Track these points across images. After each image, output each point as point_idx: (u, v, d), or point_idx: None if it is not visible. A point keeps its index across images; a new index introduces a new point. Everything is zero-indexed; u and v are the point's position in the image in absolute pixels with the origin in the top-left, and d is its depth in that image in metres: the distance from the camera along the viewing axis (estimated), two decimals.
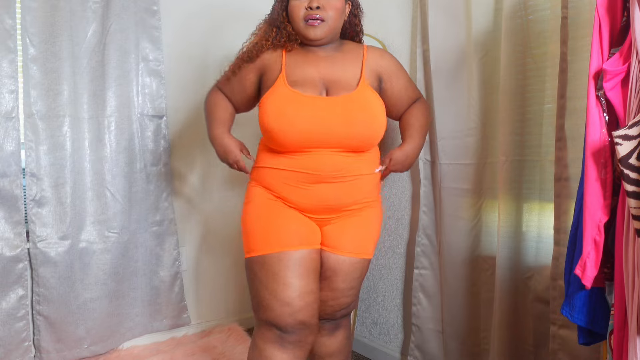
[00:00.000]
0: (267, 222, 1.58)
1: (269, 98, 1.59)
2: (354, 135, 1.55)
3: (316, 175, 1.56)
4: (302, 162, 1.56)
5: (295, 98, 1.57)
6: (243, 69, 1.69)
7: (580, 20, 1.54)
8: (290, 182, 1.58)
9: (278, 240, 1.54)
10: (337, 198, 1.59)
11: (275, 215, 1.59)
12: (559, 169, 1.59)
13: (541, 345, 1.72)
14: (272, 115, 1.55)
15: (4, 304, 2.04)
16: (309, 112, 1.55)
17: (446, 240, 1.99)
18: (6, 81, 2.01)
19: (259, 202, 1.62)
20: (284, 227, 1.56)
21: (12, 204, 2.04)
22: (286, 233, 1.55)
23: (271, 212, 1.59)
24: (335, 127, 1.54)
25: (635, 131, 1.00)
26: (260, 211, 1.60)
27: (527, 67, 1.71)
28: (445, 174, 1.99)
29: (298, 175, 1.57)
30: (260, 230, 1.57)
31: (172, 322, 2.48)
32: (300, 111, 1.55)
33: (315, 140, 1.54)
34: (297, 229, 1.57)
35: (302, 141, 1.55)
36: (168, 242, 2.43)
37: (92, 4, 2.16)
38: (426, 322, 2.12)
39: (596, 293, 1.22)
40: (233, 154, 1.65)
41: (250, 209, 1.63)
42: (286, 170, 1.58)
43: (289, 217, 1.59)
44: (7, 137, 2.02)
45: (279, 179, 1.59)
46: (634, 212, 1.01)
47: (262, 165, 1.65)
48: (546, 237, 1.69)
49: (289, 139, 1.54)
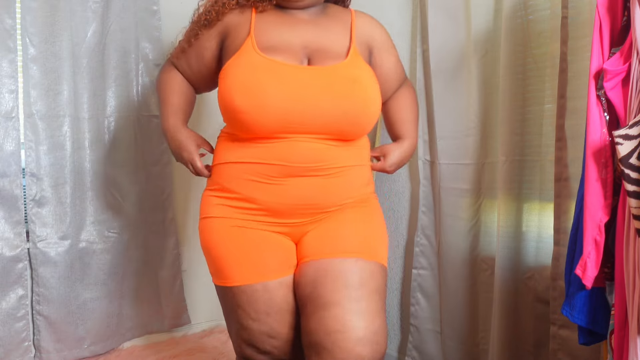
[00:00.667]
0: (227, 245, 1.30)
1: (233, 66, 1.25)
2: (344, 117, 1.24)
3: (292, 167, 1.24)
4: (274, 151, 1.24)
5: (270, 67, 1.24)
6: (200, 36, 1.36)
7: (580, 20, 1.54)
8: (258, 177, 1.26)
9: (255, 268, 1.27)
10: (317, 195, 1.28)
11: (243, 240, 1.30)
12: (559, 169, 1.59)
13: (541, 345, 1.72)
14: (236, 88, 1.21)
15: (3, 303, 2.04)
16: (289, 85, 1.23)
17: (445, 240, 1.99)
18: (6, 81, 2.01)
19: (217, 226, 1.31)
20: (248, 252, 1.29)
21: (12, 204, 2.04)
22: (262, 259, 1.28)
23: (237, 236, 1.30)
24: (322, 105, 1.23)
25: (635, 131, 1.00)
26: (223, 235, 1.31)
27: (527, 67, 1.71)
28: (445, 174, 1.99)
29: (269, 168, 1.24)
30: (221, 256, 1.30)
31: (172, 322, 2.48)
32: (277, 84, 1.22)
33: (295, 123, 1.22)
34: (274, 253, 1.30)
35: (278, 123, 1.22)
36: (168, 242, 2.43)
37: (92, 4, 2.16)
38: (424, 322, 2.12)
39: (596, 293, 1.22)
40: (187, 152, 1.36)
41: (209, 229, 1.33)
42: (253, 162, 1.26)
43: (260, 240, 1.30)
44: (7, 137, 2.02)
45: (243, 175, 1.27)
46: (634, 212, 1.01)
47: (221, 162, 1.33)
48: (546, 237, 1.69)
49: (260, 121, 1.21)
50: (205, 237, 1.34)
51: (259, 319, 1.27)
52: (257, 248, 1.29)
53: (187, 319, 2.53)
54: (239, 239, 1.29)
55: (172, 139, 1.39)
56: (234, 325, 1.34)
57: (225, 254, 1.30)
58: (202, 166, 1.38)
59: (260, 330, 1.27)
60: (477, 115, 1.88)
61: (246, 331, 1.29)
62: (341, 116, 1.24)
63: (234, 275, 1.28)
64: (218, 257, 1.31)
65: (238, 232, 1.29)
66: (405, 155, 1.51)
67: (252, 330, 1.28)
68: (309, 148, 1.24)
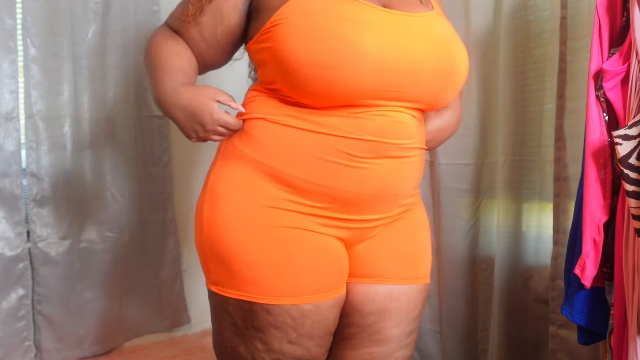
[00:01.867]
0: (268, 250, 0.96)
1: (300, 8, 0.90)
2: (449, 79, 0.97)
3: (386, 145, 0.94)
4: (366, 122, 0.92)
5: (357, 8, 0.90)
6: None
7: (580, 20, 1.54)
8: (336, 157, 0.92)
9: (308, 284, 0.96)
10: (402, 183, 0.99)
11: (296, 246, 0.96)
12: (558, 169, 1.59)
13: (541, 345, 1.72)
14: (319, 36, 0.87)
15: (4, 303, 2.04)
16: (389, 33, 0.91)
17: (445, 240, 1.99)
18: (7, 81, 2.01)
19: (256, 222, 0.95)
20: (299, 262, 0.96)
21: (12, 204, 2.04)
22: (316, 272, 0.97)
23: (288, 241, 0.96)
24: (428, 62, 0.94)
25: (635, 131, 1.01)
26: (265, 236, 0.95)
27: (526, 67, 1.71)
28: (444, 174, 1.99)
29: (357, 144, 0.92)
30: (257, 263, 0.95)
31: (172, 322, 2.48)
32: (375, 31, 0.90)
33: (395, 86, 0.92)
34: (331, 263, 0.99)
35: (376, 85, 0.90)
36: (168, 242, 2.43)
37: (93, 5, 2.16)
38: (424, 322, 2.11)
39: (596, 293, 1.22)
40: (209, 112, 0.95)
41: (237, 224, 0.96)
42: (333, 135, 0.92)
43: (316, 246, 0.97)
44: (8, 137, 2.02)
45: (312, 151, 0.93)
46: (633, 212, 1.01)
47: (272, 119, 0.95)
48: (546, 237, 1.69)
49: (355, 80, 0.88)
50: (226, 235, 0.96)
51: (299, 343, 0.98)
52: (313, 257, 0.96)
53: (187, 319, 2.53)
54: (290, 244, 0.96)
55: (173, 106, 0.97)
56: (246, 346, 0.99)
57: (264, 263, 0.95)
58: (235, 122, 0.98)
59: (294, 355, 0.98)
60: (476, 115, 1.88)
61: (272, 354, 0.98)
62: (446, 79, 0.97)
63: (274, 291, 0.95)
64: (250, 264, 0.95)
65: (289, 235, 0.95)
66: (446, 127, 1.18)
67: (283, 354, 0.98)
68: (400, 120, 0.96)
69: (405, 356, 1.08)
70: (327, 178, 0.93)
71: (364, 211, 0.98)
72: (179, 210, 2.49)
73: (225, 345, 1.02)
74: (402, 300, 1.04)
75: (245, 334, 0.98)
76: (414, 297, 1.06)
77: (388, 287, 1.03)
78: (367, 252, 1.03)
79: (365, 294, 1.03)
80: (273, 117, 0.95)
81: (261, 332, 0.97)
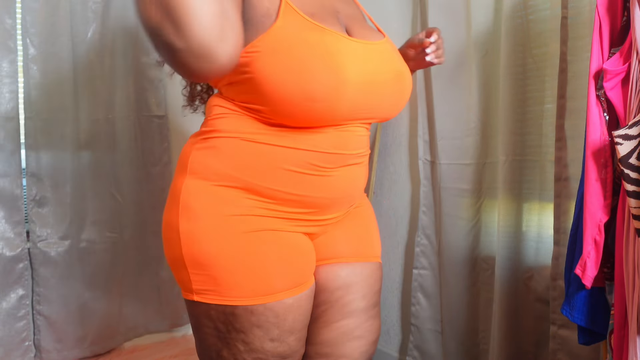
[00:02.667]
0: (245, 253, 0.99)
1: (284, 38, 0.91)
2: (404, 100, 1.10)
3: (347, 155, 1.05)
4: (333, 138, 1.01)
5: (333, 41, 0.94)
6: None
7: (580, 20, 1.54)
8: (303, 168, 1.00)
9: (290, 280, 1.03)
10: (356, 185, 1.12)
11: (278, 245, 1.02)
12: (558, 169, 1.59)
13: (541, 345, 1.72)
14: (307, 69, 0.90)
15: (4, 303, 2.04)
16: (365, 64, 0.99)
17: (446, 240, 1.99)
18: (6, 81, 2.01)
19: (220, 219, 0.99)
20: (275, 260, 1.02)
21: (12, 204, 2.05)
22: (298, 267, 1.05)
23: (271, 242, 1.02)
24: (393, 88, 1.06)
25: (635, 131, 1.00)
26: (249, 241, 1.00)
27: (527, 67, 1.71)
28: (445, 174, 1.99)
29: (323, 157, 1.01)
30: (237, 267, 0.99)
31: (172, 322, 2.49)
32: (355, 62, 0.96)
33: (366, 110, 1.02)
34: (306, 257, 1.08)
35: (350, 111, 0.99)
36: None
37: (93, 4, 2.16)
38: (425, 322, 2.12)
39: (596, 293, 1.22)
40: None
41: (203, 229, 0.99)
42: (302, 150, 0.99)
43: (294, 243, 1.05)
44: (8, 137, 2.03)
45: (281, 164, 0.99)
46: (634, 212, 1.01)
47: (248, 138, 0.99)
48: (546, 237, 1.69)
49: (337, 110, 0.96)
50: (205, 246, 0.99)
51: (280, 339, 1.03)
52: (286, 254, 1.03)
53: (187, 319, 2.53)
54: (265, 245, 1.01)
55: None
56: (228, 349, 1.03)
57: (243, 266, 0.99)
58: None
59: (275, 352, 1.03)
60: (477, 115, 1.88)
61: (254, 354, 1.03)
62: (400, 98, 1.09)
63: (256, 291, 0.99)
64: (230, 270, 0.99)
65: (263, 237, 1.00)
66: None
67: (264, 353, 1.02)
68: (359, 134, 1.07)
69: (374, 325, 1.19)
70: (299, 187, 1.01)
71: (329, 212, 1.09)
72: None
73: (210, 351, 1.06)
74: (364, 274, 1.17)
75: (227, 337, 1.03)
76: (374, 272, 1.19)
77: (350, 265, 1.15)
78: (328, 239, 1.14)
79: (331, 272, 1.14)
80: (249, 136, 1.00)
81: (243, 333, 1.01)
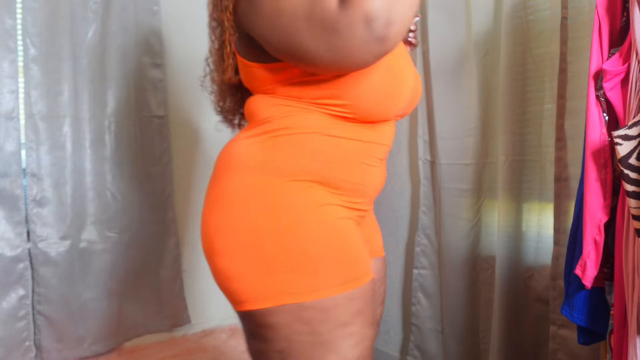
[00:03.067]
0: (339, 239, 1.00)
1: None
2: (419, 96, 1.19)
3: (388, 147, 1.13)
4: (382, 131, 1.09)
5: None
6: None
7: (580, 21, 1.54)
8: (369, 160, 1.07)
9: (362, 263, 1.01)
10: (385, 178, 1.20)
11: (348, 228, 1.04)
12: (558, 169, 1.59)
13: (541, 345, 1.72)
14: (386, 72, 0.99)
15: (4, 303, 2.04)
16: (409, 63, 1.11)
17: (446, 240, 1.99)
18: (7, 81, 2.02)
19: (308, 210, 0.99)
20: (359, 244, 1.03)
21: (12, 204, 2.05)
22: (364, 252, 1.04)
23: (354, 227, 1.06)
24: (419, 85, 1.15)
25: (635, 131, 1.00)
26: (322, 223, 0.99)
27: (527, 67, 1.71)
28: (445, 174, 1.99)
29: (379, 148, 1.09)
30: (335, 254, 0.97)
31: (172, 322, 2.49)
32: (406, 62, 1.08)
33: (409, 106, 1.11)
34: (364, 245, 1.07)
35: (402, 108, 1.08)
36: (168, 242, 2.43)
37: (93, 5, 2.16)
38: (426, 321, 2.12)
39: (596, 293, 1.22)
40: None
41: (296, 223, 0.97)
42: (369, 142, 1.05)
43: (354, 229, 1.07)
44: (8, 137, 2.03)
45: (355, 156, 1.04)
46: (634, 212, 1.01)
47: (325, 132, 1.02)
48: (546, 237, 1.69)
49: (398, 106, 1.05)
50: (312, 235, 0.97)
51: (373, 323, 1.00)
52: (361, 239, 1.06)
53: (187, 319, 2.53)
54: (349, 231, 1.04)
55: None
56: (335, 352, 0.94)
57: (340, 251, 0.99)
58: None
59: (373, 337, 1.01)
60: (477, 115, 1.88)
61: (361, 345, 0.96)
62: (418, 96, 1.17)
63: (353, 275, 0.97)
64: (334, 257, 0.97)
65: (346, 224, 1.04)
66: None
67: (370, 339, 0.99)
68: (394, 128, 1.15)
69: (382, 311, 1.29)
70: (364, 178, 1.07)
71: (371, 203, 1.16)
72: (179, 210, 2.49)
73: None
74: (381, 268, 1.25)
75: (332, 337, 0.93)
76: (384, 265, 1.29)
77: (375, 260, 1.21)
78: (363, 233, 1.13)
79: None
80: (325, 131, 1.02)
81: (351, 325, 0.94)
